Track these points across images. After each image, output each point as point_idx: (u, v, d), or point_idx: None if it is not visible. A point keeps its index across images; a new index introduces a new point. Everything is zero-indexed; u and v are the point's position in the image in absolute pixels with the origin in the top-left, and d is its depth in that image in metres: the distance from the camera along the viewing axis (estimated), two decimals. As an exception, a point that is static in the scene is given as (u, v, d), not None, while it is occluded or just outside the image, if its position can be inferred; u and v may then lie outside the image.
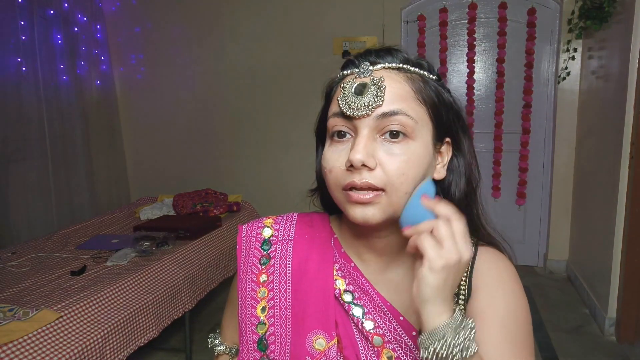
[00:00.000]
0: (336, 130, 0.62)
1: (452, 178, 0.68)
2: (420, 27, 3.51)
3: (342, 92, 0.61)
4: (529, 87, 3.42)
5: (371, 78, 0.60)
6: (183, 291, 2.33)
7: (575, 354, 2.44)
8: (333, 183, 0.62)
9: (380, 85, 0.59)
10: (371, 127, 0.59)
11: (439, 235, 0.54)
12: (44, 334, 1.64)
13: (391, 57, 0.63)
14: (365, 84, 0.60)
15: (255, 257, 0.71)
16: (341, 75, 0.65)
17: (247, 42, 3.84)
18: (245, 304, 0.69)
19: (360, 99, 0.59)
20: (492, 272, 0.66)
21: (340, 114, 0.61)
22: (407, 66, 0.63)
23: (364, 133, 0.59)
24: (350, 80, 0.62)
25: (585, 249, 3.10)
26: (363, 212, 0.60)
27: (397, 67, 0.62)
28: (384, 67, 0.62)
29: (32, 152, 3.36)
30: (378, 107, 0.59)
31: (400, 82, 0.61)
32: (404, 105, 0.60)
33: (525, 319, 0.64)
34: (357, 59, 0.64)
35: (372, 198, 0.59)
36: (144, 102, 4.18)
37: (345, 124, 0.61)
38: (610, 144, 2.59)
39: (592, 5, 2.84)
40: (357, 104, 0.59)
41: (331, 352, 0.64)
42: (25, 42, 3.26)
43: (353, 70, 0.63)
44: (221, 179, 3.99)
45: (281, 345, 0.66)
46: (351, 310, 0.66)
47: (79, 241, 2.68)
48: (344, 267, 0.69)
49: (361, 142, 0.59)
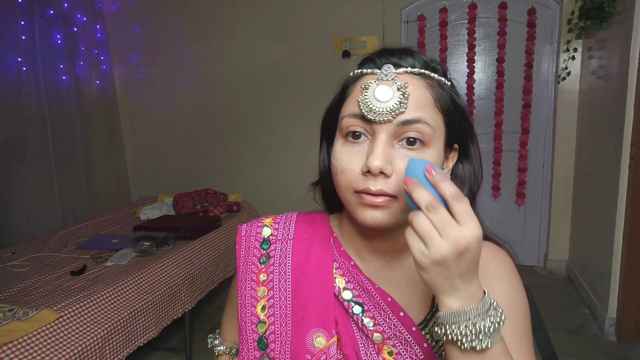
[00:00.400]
0: (352, 131, 0.61)
1: (455, 184, 0.67)
2: (420, 27, 3.51)
3: (364, 94, 0.59)
4: (528, 87, 3.42)
5: (394, 83, 0.59)
6: (183, 291, 2.33)
7: (575, 354, 2.44)
8: (344, 184, 0.61)
9: (404, 92, 0.58)
10: (390, 132, 0.58)
11: (420, 232, 0.50)
12: (44, 334, 1.64)
13: (413, 60, 0.62)
14: (389, 89, 0.59)
15: (254, 256, 0.71)
16: (359, 73, 0.64)
17: (247, 42, 3.84)
18: (245, 303, 0.70)
19: (382, 103, 0.58)
20: (491, 266, 0.66)
21: (360, 116, 0.59)
22: (428, 72, 0.62)
23: (382, 138, 0.58)
24: (371, 81, 0.60)
25: (585, 249, 3.10)
26: (373, 215, 0.59)
27: (419, 73, 0.61)
28: (407, 71, 0.61)
29: (33, 152, 3.37)
30: (401, 114, 0.58)
31: (422, 89, 0.61)
32: (424, 113, 0.59)
33: (525, 311, 0.66)
34: (378, 58, 0.63)
35: (384, 202, 0.58)
36: (144, 102, 4.18)
37: (362, 125, 0.60)
38: (610, 144, 2.59)
39: (592, 5, 2.84)
40: (379, 109, 0.58)
41: (331, 350, 0.64)
42: (25, 42, 3.26)
43: (374, 70, 0.62)
44: (221, 179, 3.99)
45: (281, 343, 0.67)
46: (351, 308, 0.66)
47: (79, 241, 2.68)
48: (343, 265, 0.69)
49: (379, 147, 0.57)
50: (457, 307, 0.51)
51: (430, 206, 0.50)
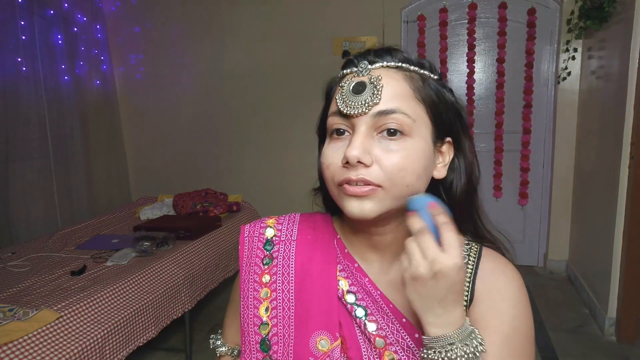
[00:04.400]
0: (335, 128, 0.62)
1: (453, 177, 0.67)
2: (420, 27, 3.51)
3: (341, 91, 0.62)
4: (529, 87, 3.42)
5: (369, 77, 0.61)
6: (183, 291, 2.33)
7: (575, 354, 2.44)
8: (329, 179, 0.62)
9: (377, 84, 0.60)
10: (368, 124, 0.60)
11: (407, 251, 0.56)
12: (44, 334, 1.64)
13: (390, 57, 0.63)
14: (363, 83, 0.60)
15: (257, 257, 0.71)
16: (341, 75, 0.66)
17: (247, 42, 3.84)
18: (247, 304, 0.69)
19: (357, 97, 0.60)
20: (499, 281, 0.65)
21: (338, 112, 0.61)
22: (407, 65, 0.63)
23: (360, 130, 0.60)
24: (348, 79, 0.62)
25: (585, 249, 3.10)
26: (360, 206, 0.59)
27: (395, 66, 0.62)
28: (383, 65, 0.62)
29: (33, 152, 3.37)
30: (375, 105, 0.59)
31: (399, 80, 0.61)
32: (401, 103, 0.60)
33: (527, 335, 0.63)
34: (356, 58, 0.64)
35: (369, 191, 0.59)
36: (144, 102, 4.18)
37: (343, 122, 0.61)
38: (610, 144, 2.59)
39: (592, 5, 2.84)
40: (354, 103, 0.60)
41: (335, 353, 0.64)
42: (25, 42, 3.27)
43: (352, 69, 0.63)
44: (221, 179, 3.99)
45: (284, 345, 0.66)
46: (354, 311, 0.66)
47: (79, 241, 2.68)
48: (347, 267, 0.68)
49: (358, 139, 0.59)
50: (434, 333, 0.55)
51: (420, 232, 0.55)
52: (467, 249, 0.68)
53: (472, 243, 0.69)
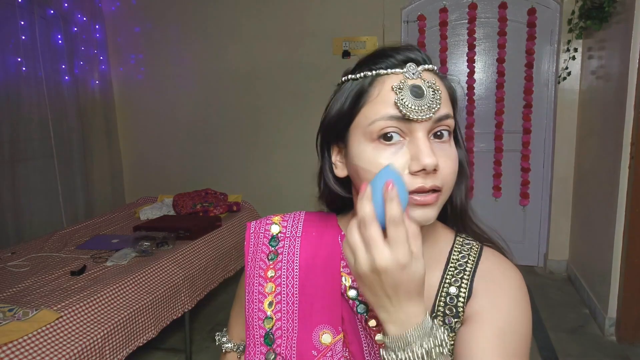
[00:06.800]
0: (385, 132, 0.59)
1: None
2: (420, 27, 3.51)
3: (400, 95, 0.58)
4: (529, 87, 3.42)
5: (422, 80, 0.59)
6: (183, 291, 2.33)
7: (575, 354, 2.44)
8: None
9: (435, 88, 0.59)
10: (426, 129, 0.59)
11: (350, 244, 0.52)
12: (44, 334, 1.64)
13: (422, 56, 0.63)
14: (420, 86, 0.59)
15: (263, 253, 0.72)
16: (375, 75, 0.61)
17: (247, 42, 3.84)
18: (252, 299, 0.70)
19: (419, 101, 0.58)
20: (498, 278, 0.65)
21: (398, 117, 0.58)
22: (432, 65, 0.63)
23: (420, 135, 0.58)
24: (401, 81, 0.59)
25: (585, 249, 3.09)
26: (425, 214, 0.59)
27: (431, 69, 0.62)
28: (426, 68, 0.61)
29: (34, 152, 3.37)
30: (437, 110, 0.59)
31: (441, 84, 0.62)
32: (450, 107, 0.62)
33: (523, 332, 0.61)
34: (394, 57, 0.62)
35: (435, 199, 0.59)
36: (143, 102, 4.18)
37: (398, 126, 0.59)
38: (610, 144, 2.58)
39: (592, 5, 2.84)
40: (419, 107, 0.58)
41: (337, 347, 0.65)
42: (25, 42, 3.27)
43: (395, 70, 0.60)
44: (221, 179, 3.99)
45: (287, 339, 0.67)
46: (355, 307, 0.67)
47: (79, 241, 2.68)
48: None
49: (426, 144, 0.57)
50: (391, 331, 0.52)
51: (364, 221, 0.50)
52: (467, 247, 0.69)
53: (473, 242, 0.70)
